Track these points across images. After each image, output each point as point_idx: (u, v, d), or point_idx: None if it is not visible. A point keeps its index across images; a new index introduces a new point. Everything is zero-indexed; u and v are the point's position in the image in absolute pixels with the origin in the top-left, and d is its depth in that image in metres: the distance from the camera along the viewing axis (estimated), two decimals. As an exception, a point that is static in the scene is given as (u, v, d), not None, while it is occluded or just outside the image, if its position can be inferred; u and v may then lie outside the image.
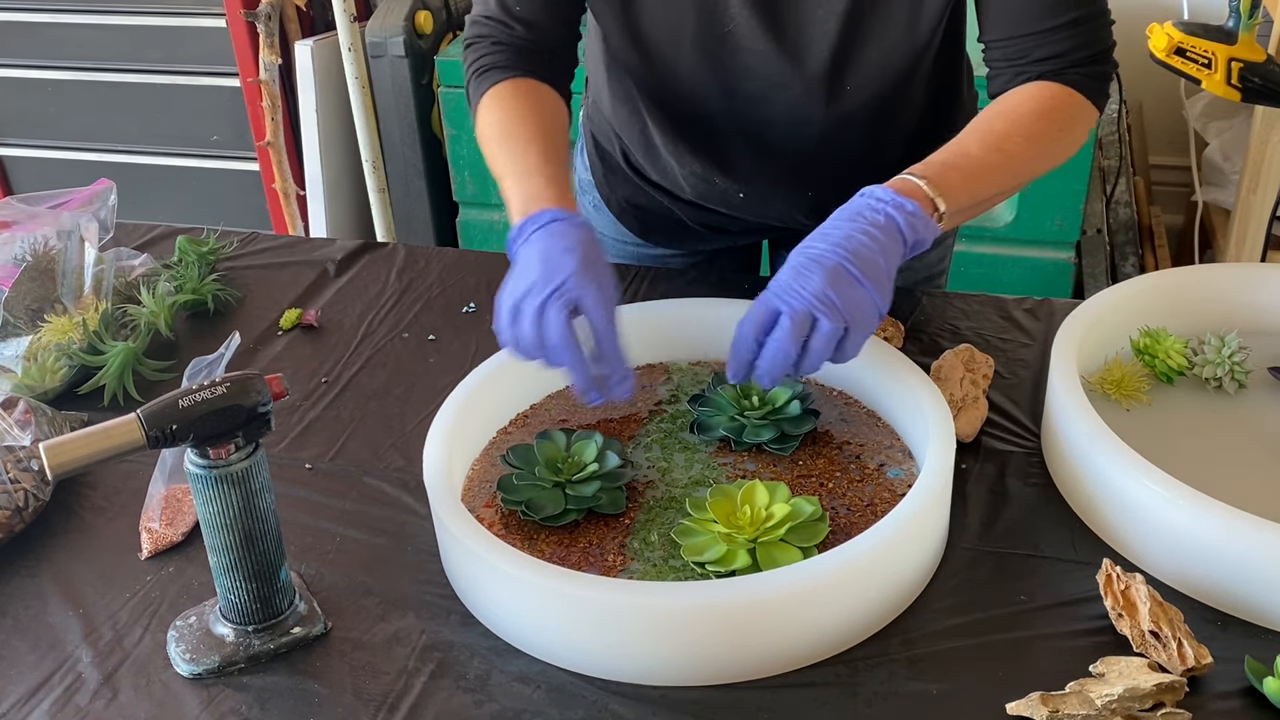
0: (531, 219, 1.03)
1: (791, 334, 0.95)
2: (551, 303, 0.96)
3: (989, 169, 1.07)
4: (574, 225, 1.02)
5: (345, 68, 2.59)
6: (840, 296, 0.95)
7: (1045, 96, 1.11)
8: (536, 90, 1.18)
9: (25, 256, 1.28)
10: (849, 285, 0.96)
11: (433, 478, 0.98)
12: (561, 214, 1.03)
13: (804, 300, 0.95)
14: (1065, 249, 2.39)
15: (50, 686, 0.91)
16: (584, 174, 1.48)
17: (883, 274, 0.97)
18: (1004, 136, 1.09)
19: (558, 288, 0.96)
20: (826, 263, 0.96)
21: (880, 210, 1.00)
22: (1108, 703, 0.81)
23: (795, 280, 0.97)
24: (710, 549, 0.94)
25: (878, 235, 0.98)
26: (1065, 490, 1.04)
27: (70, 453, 0.82)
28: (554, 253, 0.98)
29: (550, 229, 1.01)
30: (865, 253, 0.97)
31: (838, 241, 0.98)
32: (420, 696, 0.88)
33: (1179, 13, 2.43)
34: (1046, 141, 1.10)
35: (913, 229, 0.99)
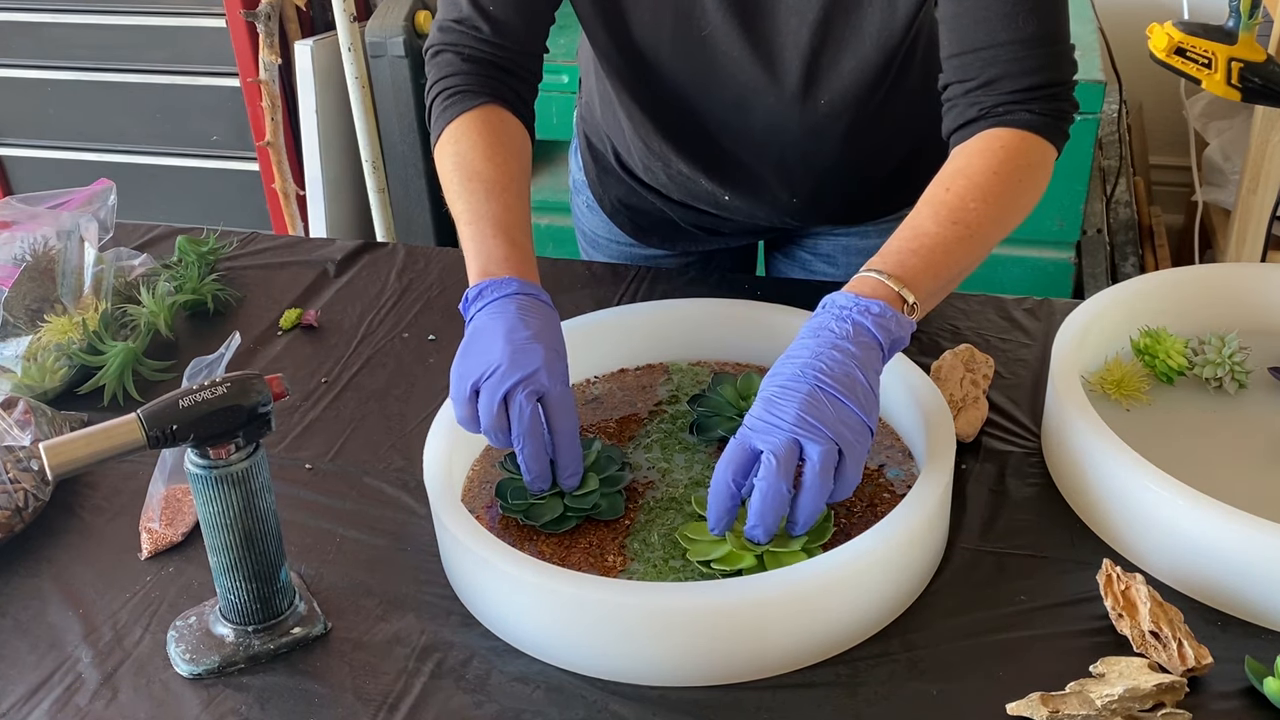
0: (495, 284, 1.00)
1: (778, 471, 0.87)
2: (519, 392, 0.94)
3: (950, 243, 0.99)
4: (538, 302, 1.00)
5: (345, 68, 2.59)
6: (822, 418, 0.88)
7: (998, 148, 1.04)
8: (504, 122, 1.14)
9: (25, 256, 1.28)
10: (829, 405, 0.88)
11: (433, 478, 0.98)
12: (527, 287, 1.00)
13: (783, 431, 0.88)
14: (1065, 249, 2.39)
15: (50, 686, 0.91)
16: (578, 174, 1.48)
17: (862, 388, 0.90)
18: (960, 205, 1.01)
19: (525, 378, 0.94)
20: (799, 387, 0.89)
21: (846, 319, 0.93)
22: (1108, 703, 0.81)
23: (768, 411, 0.89)
24: (716, 549, 0.94)
25: (848, 348, 0.91)
26: (1065, 490, 1.04)
27: (70, 453, 0.82)
28: (519, 337, 0.96)
29: (514, 302, 0.98)
30: (838, 369, 0.90)
31: (806, 362, 0.90)
32: (420, 696, 0.88)
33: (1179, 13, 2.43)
34: (1005, 200, 1.03)
35: (885, 330, 0.93)
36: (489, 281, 1.00)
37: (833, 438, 0.88)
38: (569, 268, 1.42)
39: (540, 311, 1.00)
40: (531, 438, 0.94)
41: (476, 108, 1.13)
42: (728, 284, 1.36)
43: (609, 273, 1.40)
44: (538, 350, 0.95)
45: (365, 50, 2.60)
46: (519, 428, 0.94)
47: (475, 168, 1.09)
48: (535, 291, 1.01)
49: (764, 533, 0.89)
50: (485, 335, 0.97)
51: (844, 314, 0.94)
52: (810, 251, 1.44)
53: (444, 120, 1.14)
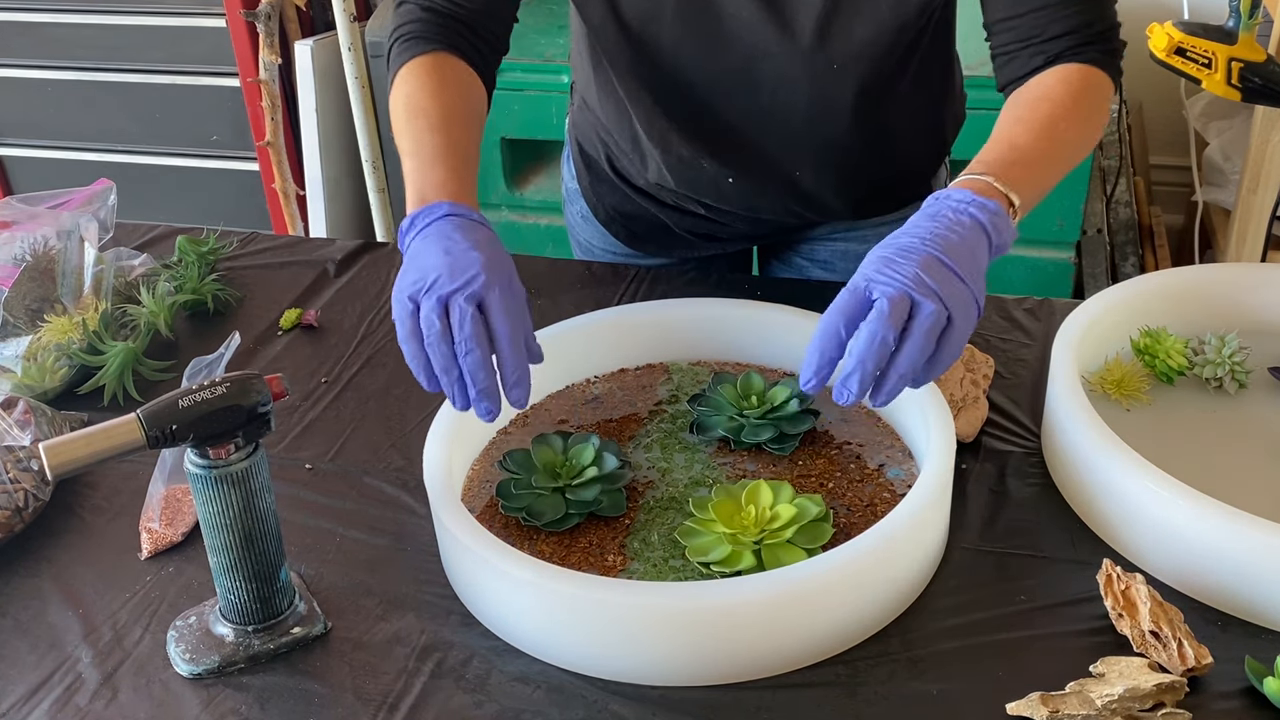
0: (427, 210, 0.99)
1: (890, 318, 0.85)
2: (458, 296, 0.91)
3: (1044, 158, 1.03)
4: (472, 222, 0.98)
5: (345, 68, 2.59)
6: (939, 281, 0.87)
7: (1075, 79, 1.08)
8: (455, 68, 1.14)
9: (25, 256, 1.28)
10: (946, 275, 0.88)
11: (433, 478, 0.98)
12: (460, 209, 0.99)
13: (899, 284, 0.87)
14: (1065, 249, 2.39)
15: (50, 686, 0.91)
16: (571, 183, 1.48)
17: (978, 271, 0.91)
18: (1050, 122, 1.04)
19: (465, 283, 0.92)
20: (919, 252, 0.89)
21: (964, 211, 0.93)
22: (1108, 703, 0.81)
23: (887, 267, 0.89)
24: (715, 549, 0.94)
25: (966, 235, 0.92)
26: (1065, 490, 1.04)
27: (70, 453, 0.82)
28: (457, 249, 0.94)
29: (449, 222, 0.97)
30: (958, 247, 0.90)
31: (925, 236, 0.91)
32: (420, 696, 0.88)
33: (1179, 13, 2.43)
34: (1086, 124, 1.08)
35: (997, 231, 0.93)
36: (422, 209, 1.00)
37: (945, 300, 0.87)
38: (569, 268, 1.42)
39: (475, 229, 0.98)
40: (476, 343, 0.90)
41: (429, 53, 1.13)
42: (727, 284, 1.36)
43: (609, 273, 1.40)
44: (474, 258, 0.94)
45: (365, 50, 2.60)
46: (460, 333, 0.90)
47: (420, 105, 1.10)
48: (466, 213, 0.99)
49: (859, 382, 0.86)
50: (418, 255, 0.96)
51: (961, 206, 0.94)
52: (806, 258, 1.43)
53: (397, 65, 1.14)
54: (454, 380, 0.91)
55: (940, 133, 1.35)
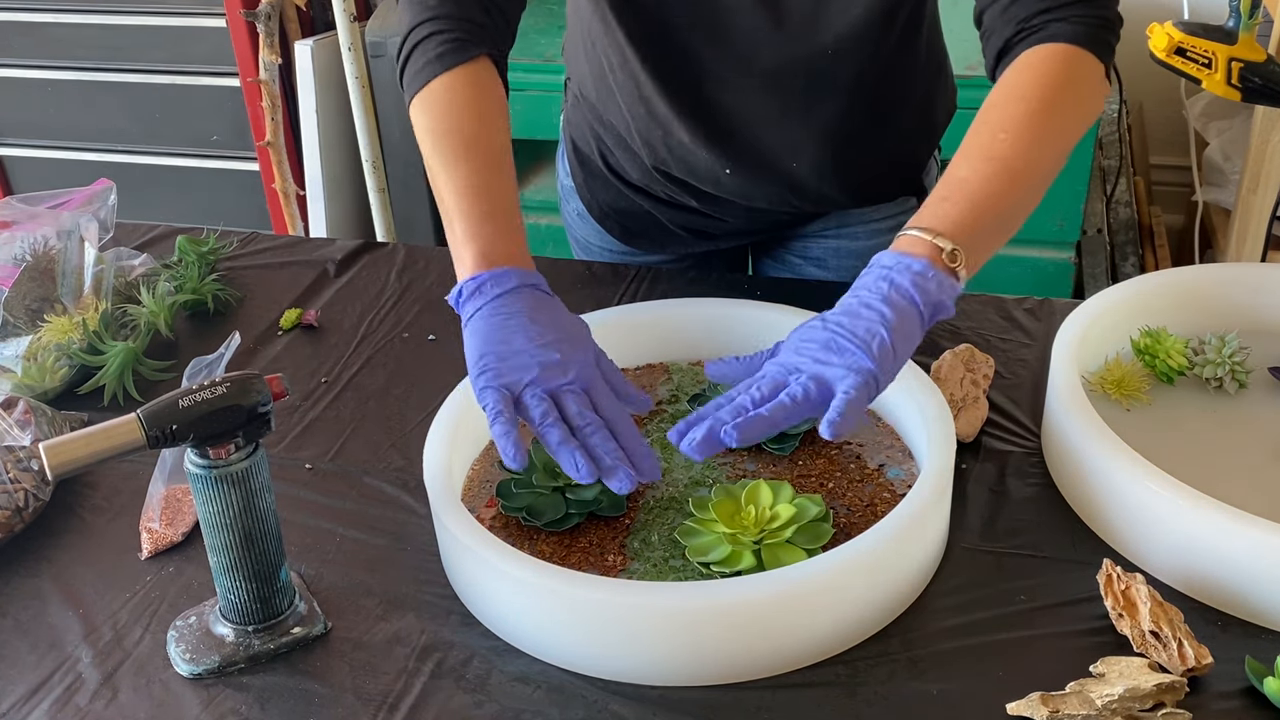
0: (494, 278, 0.97)
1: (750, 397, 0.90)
2: (566, 390, 0.93)
3: (986, 180, 0.97)
4: (546, 296, 0.98)
5: (345, 67, 2.59)
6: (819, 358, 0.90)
7: (1024, 69, 1.01)
8: (493, 83, 1.09)
9: (25, 256, 1.28)
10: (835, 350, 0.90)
11: (433, 478, 0.98)
12: (531, 278, 0.98)
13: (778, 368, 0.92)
14: (1065, 249, 2.39)
15: (50, 686, 0.91)
16: (565, 180, 1.48)
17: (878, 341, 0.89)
18: (990, 140, 0.98)
19: (570, 380, 0.93)
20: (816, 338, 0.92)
21: (885, 278, 0.93)
22: (1108, 703, 0.81)
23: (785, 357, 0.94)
24: (715, 549, 0.94)
25: (881, 308, 0.91)
26: (1065, 490, 1.04)
27: (70, 453, 0.82)
28: (543, 338, 0.94)
29: (521, 299, 0.96)
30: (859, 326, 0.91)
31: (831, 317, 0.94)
32: (420, 696, 0.88)
33: (1179, 13, 2.43)
34: (1038, 126, 0.99)
35: (923, 291, 0.91)
36: (490, 274, 0.97)
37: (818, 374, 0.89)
38: (569, 268, 1.42)
39: (551, 308, 0.98)
40: (597, 426, 0.91)
41: (470, 61, 1.07)
42: (727, 284, 1.36)
43: (609, 273, 1.40)
44: (570, 350, 0.95)
45: (365, 50, 2.60)
46: (581, 419, 0.91)
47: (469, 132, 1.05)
48: (538, 282, 0.99)
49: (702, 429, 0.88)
50: (500, 337, 0.95)
51: (885, 273, 0.93)
52: (800, 255, 1.43)
53: (431, 70, 1.07)
54: (574, 449, 0.90)
55: (931, 118, 1.36)
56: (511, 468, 0.89)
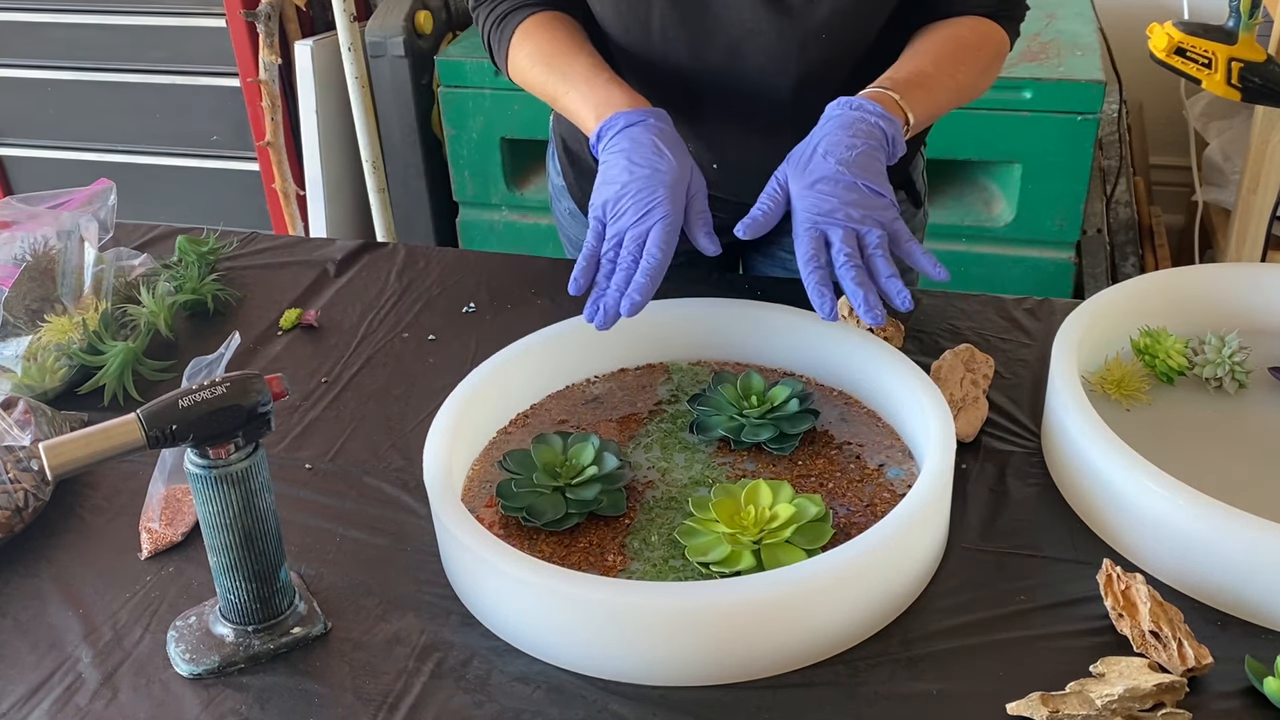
0: (607, 123, 1.12)
1: (851, 252, 1.02)
2: (629, 234, 1.06)
3: (943, 91, 1.17)
4: (648, 125, 1.11)
5: (345, 68, 2.59)
6: (870, 209, 1.04)
7: (981, 29, 1.22)
8: (564, 19, 1.25)
9: (25, 256, 1.28)
10: (871, 199, 1.04)
11: (433, 478, 0.98)
12: (634, 115, 1.11)
13: (843, 224, 1.03)
14: (1065, 249, 2.39)
15: (50, 686, 0.91)
16: (557, 179, 1.48)
17: (884, 179, 1.07)
18: (956, 63, 1.18)
19: (640, 218, 1.06)
20: (845, 183, 1.05)
21: (875, 126, 1.08)
22: (1108, 703, 0.81)
23: (824, 203, 1.05)
24: (715, 549, 0.94)
25: (875, 151, 1.07)
26: (1065, 490, 1.04)
27: (70, 453, 0.82)
28: (641, 171, 1.07)
29: (627, 136, 1.10)
30: (873, 168, 1.06)
31: (845, 160, 1.06)
32: (420, 696, 0.88)
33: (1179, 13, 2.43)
34: (985, 72, 1.23)
35: (894, 144, 1.09)
36: (602, 124, 1.13)
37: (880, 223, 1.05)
38: (569, 268, 1.41)
39: (654, 134, 1.10)
40: (623, 268, 1.05)
41: (534, 14, 1.24)
42: (727, 284, 1.36)
43: (609, 273, 1.40)
44: (657, 184, 1.07)
45: (365, 50, 2.60)
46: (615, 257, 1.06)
47: (552, 51, 1.21)
48: (642, 117, 1.12)
49: (871, 303, 1.00)
50: (611, 171, 1.10)
51: (873, 120, 1.09)
52: (789, 250, 1.43)
53: (507, 34, 1.25)
54: (600, 292, 1.06)
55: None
56: (569, 289, 1.07)
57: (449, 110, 2.56)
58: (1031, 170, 2.27)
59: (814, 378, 1.18)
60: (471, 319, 1.34)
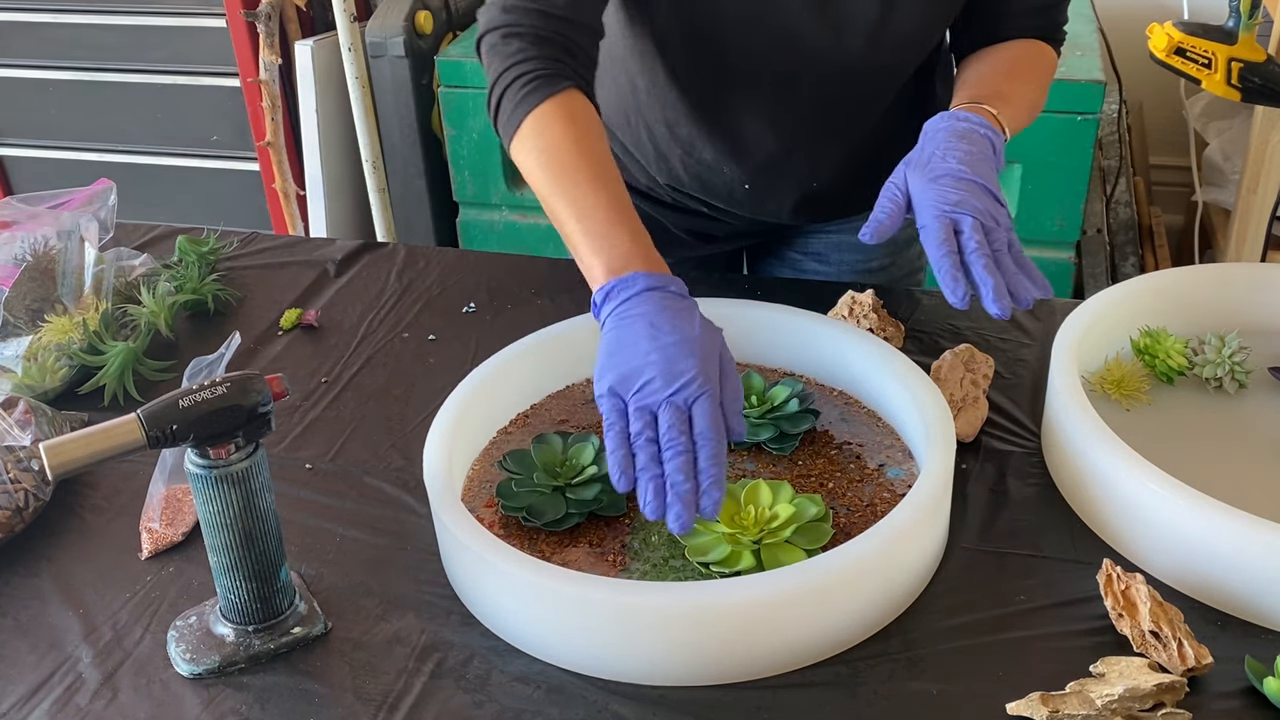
0: (623, 283, 0.97)
1: (981, 242, 0.99)
2: (665, 405, 0.90)
3: (1022, 107, 1.16)
4: (673, 295, 0.97)
5: (345, 68, 2.59)
6: (992, 210, 1.03)
7: (1035, 52, 1.23)
8: (585, 110, 1.09)
9: (25, 256, 1.28)
10: (992, 202, 1.03)
11: (433, 478, 0.98)
12: (657, 280, 0.97)
13: (972, 214, 1.01)
14: (1065, 249, 2.39)
15: (50, 686, 0.91)
16: None
17: (999, 188, 1.06)
18: (1024, 80, 1.19)
19: (677, 389, 0.90)
20: (969, 180, 1.03)
21: (986, 136, 1.08)
22: (1108, 703, 0.81)
23: (953, 194, 1.02)
24: (715, 549, 0.94)
25: (990, 160, 1.07)
26: (1065, 490, 1.04)
27: (70, 453, 0.82)
28: (666, 340, 0.92)
29: (650, 300, 0.96)
30: (990, 174, 1.06)
31: (966, 161, 1.05)
32: (420, 696, 0.88)
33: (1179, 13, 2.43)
34: (1042, 91, 1.23)
35: (999, 156, 1.09)
36: (616, 281, 0.98)
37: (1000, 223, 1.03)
38: (569, 268, 1.41)
39: (678, 306, 0.97)
40: (683, 448, 0.88)
41: (557, 94, 1.08)
42: (727, 284, 1.36)
43: (609, 273, 1.40)
44: (686, 355, 0.92)
45: (365, 50, 2.60)
46: (666, 436, 0.88)
47: (570, 160, 1.05)
48: (664, 284, 0.98)
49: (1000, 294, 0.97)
50: (626, 341, 0.94)
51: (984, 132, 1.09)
52: (801, 251, 1.44)
53: (523, 110, 1.08)
54: (650, 478, 0.88)
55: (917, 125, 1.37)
56: (617, 488, 0.88)
57: (449, 110, 2.56)
58: (1031, 170, 2.27)
59: (814, 378, 1.18)
60: (471, 319, 1.34)
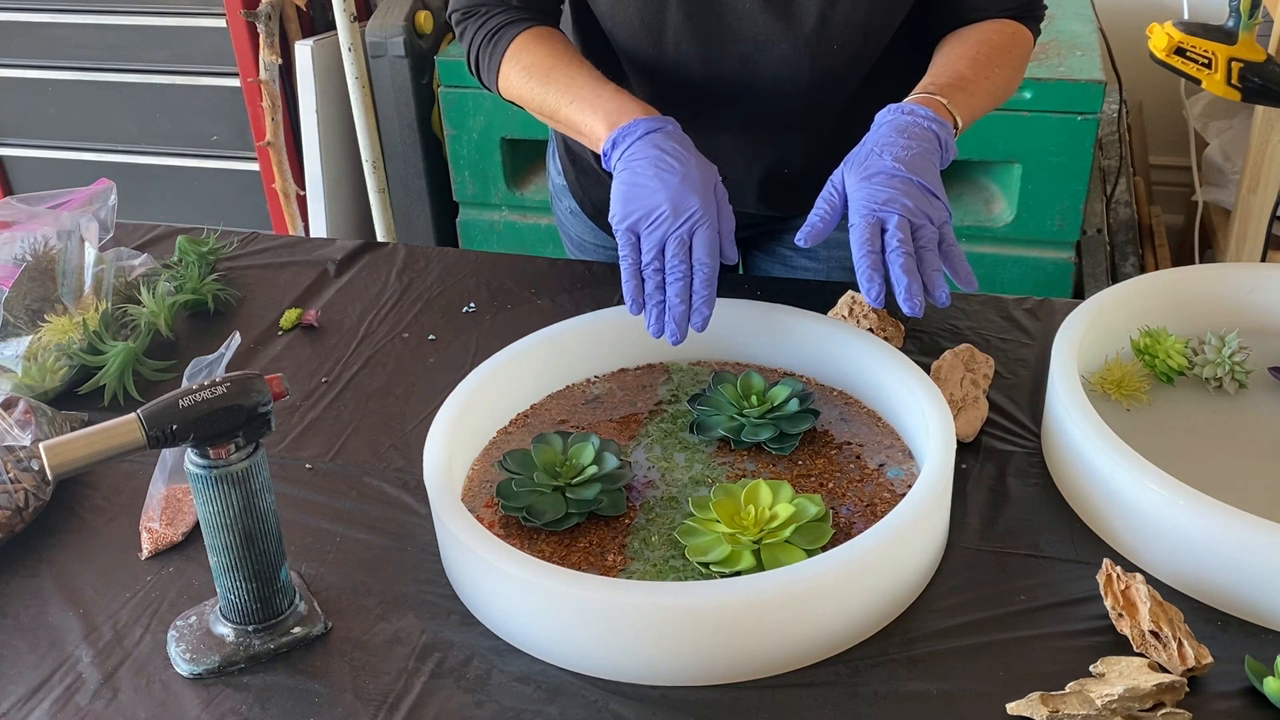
0: (625, 130, 1.09)
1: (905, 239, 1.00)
2: (672, 237, 1.04)
3: (983, 94, 1.16)
4: (670, 132, 1.09)
5: (345, 68, 2.59)
6: (923, 205, 1.03)
7: (1008, 30, 1.22)
8: (558, 35, 1.23)
9: (25, 256, 1.28)
10: (926, 198, 1.04)
11: (433, 478, 0.98)
12: (654, 122, 1.09)
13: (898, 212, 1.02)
14: (1065, 249, 2.39)
15: (50, 686, 0.91)
16: (558, 178, 1.48)
17: (939, 182, 1.06)
18: (991, 65, 1.18)
19: (682, 222, 1.04)
20: (901, 178, 1.04)
21: (928, 129, 1.08)
22: (1108, 703, 0.81)
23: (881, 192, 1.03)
24: (715, 549, 0.94)
25: (930, 153, 1.06)
26: (1065, 490, 1.04)
27: (70, 453, 0.82)
28: (671, 177, 1.05)
29: (651, 142, 1.07)
30: (929, 169, 1.05)
31: (902, 158, 1.04)
32: (420, 696, 0.88)
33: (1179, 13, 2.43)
34: (1015, 71, 1.23)
35: (947, 149, 1.09)
36: (618, 130, 1.09)
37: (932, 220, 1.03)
38: (569, 268, 1.42)
39: (678, 141, 1.08)
40: (682, 274, 1.03)
41: (524, 31, 1.22)
42: (727, 284, 1.36)
43: (609, 273, 1.40)
44: (689, 190, 1.05)
45: (365, 50, 2.60)
46: (670, 264, 1.03)
47: (546, 66, 1.18)
48: (661, 124, 1.10)
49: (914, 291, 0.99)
50: (637, 181, 1.06)
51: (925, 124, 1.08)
52: (791, 248, 1.44)
53: (498, 53, 1.22)
54: (655, 304, 1.04)
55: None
56: (630, 311, 1.04)
57: (449, 110, 2.56)
58: (1031, 170, 2.27)
59: (814, 378, 1.18)
60: (471, 319, 1.34)
